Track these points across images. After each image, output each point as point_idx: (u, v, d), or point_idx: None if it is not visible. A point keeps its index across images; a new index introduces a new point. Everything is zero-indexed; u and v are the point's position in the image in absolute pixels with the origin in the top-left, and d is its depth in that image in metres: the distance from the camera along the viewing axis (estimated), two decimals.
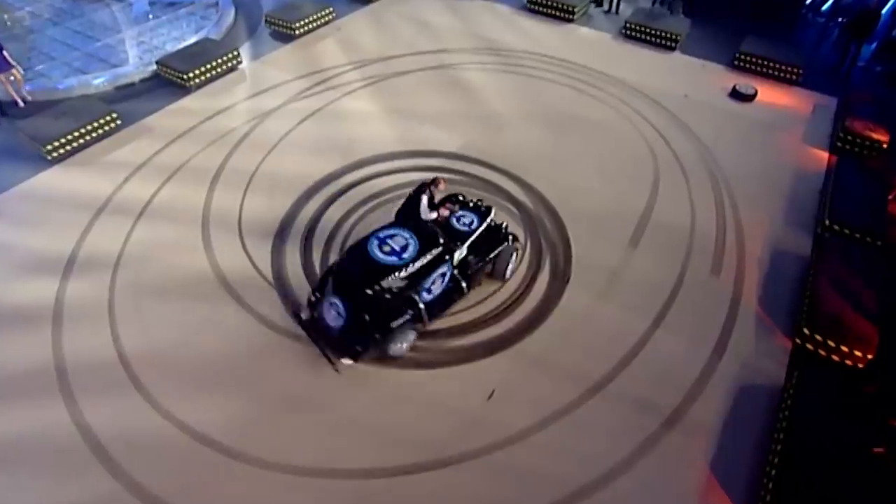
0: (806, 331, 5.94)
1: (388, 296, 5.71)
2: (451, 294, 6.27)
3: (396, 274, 5.74)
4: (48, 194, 7.82)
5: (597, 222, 7.51)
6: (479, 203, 6.93)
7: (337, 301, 5.76)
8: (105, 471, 5.04)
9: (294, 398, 5.62)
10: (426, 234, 6.09)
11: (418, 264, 5.85)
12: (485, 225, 6.58)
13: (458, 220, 6.58)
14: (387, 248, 5.89)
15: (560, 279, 6.77)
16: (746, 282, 6.83)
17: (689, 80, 10.58)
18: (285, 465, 5.11)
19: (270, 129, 9.03)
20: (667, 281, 6.79)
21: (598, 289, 6.68)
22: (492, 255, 6.55)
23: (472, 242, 6.43)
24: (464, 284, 6.29)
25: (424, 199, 6.34)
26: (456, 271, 6.25)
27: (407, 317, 5.82)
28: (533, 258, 7.04)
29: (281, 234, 7.23)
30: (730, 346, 6.14)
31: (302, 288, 6.57)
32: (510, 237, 6.73)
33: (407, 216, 6.47)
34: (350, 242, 6.97)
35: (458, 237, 6.36)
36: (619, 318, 6.36)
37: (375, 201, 7.70)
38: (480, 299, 6.53)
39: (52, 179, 8.05)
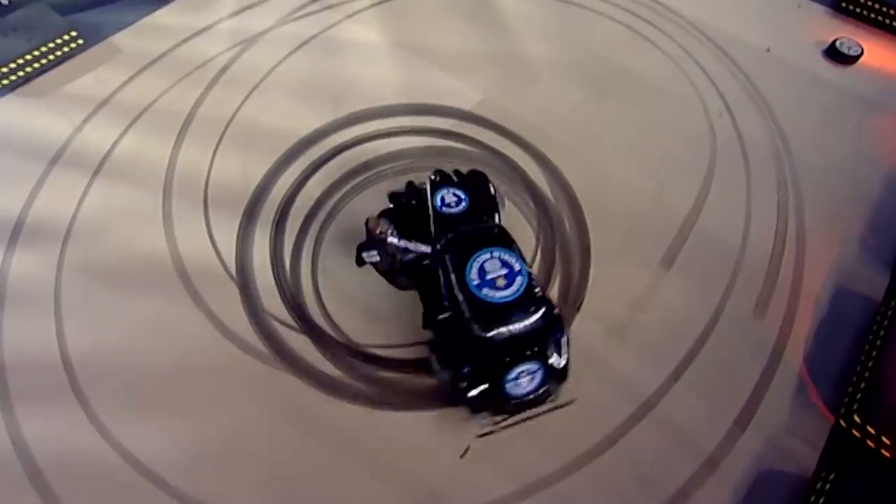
0: (856, 418, 4.73)
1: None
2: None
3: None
4: None
5: (628, 230, 5.98)
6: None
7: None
8: (37, 496, 4.53)
9: (247, 433, 4.79)
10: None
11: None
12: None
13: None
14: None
15: (571, 304, 5.53)
16: (795, 329, 5.44)
17: (777, 26, 8.10)
18: None
19: (254, 62, 7.33)
20: (698, 318, 5.44)
21: (612, 322, 5.40)
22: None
23: None
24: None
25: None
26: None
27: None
28: (542, 269, 5.74)
29: (251, 212, 5.99)
30: (758, 415, 4.95)
31: (267, 287, 5.49)
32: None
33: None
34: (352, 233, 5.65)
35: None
36: (631, 364, 5.17)
37: (364, 176, 6.30)
38: None
39: (3, 113, 6.81)
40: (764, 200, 6.27)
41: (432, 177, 5.41)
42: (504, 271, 4.70)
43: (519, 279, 4.67)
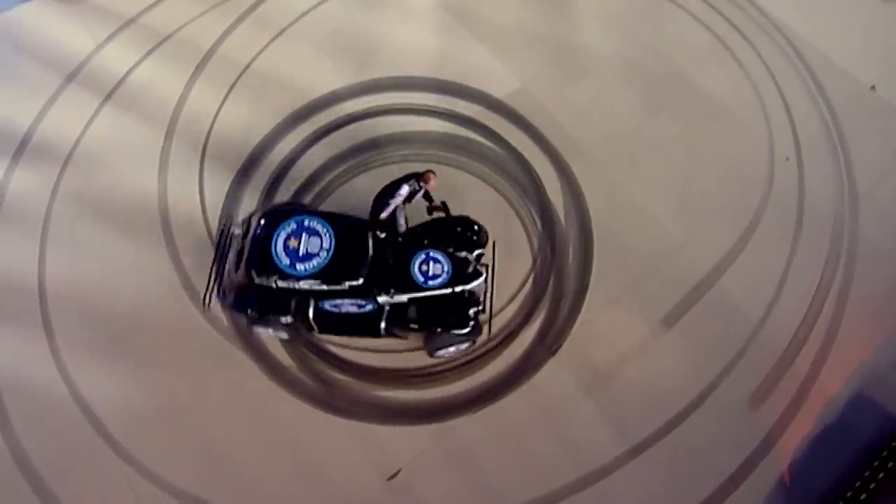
0: None
1: (271, 286, 4.40)
2: (362, 323, 4.62)
3: (278, 279, 4.35)
4: (24, 36, 6.40)
5: (638, 274, 5.25)
6: (476, 256, 4.80)
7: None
8: None
9: (190, 401, 4.71)
10: (355, 253, 4.43)
11: (312, 286, 4.36)
12: (447, 291, 4.56)
13: (425, 261, 4.60)
14: (292, 244, 4.39)
15: (547, 347, 4.99)
16: (792, 429, 4.72)
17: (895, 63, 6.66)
18: (160, 481, 4.50)
19: (288, 2, 6.73)
20: (684, 393, 4.80)
21: (587, 375, 4.85)
22: (437, 330, 4.64)
23: (420, 299, 4.59)
24: (382, 325, 4.58)
25: (405, 189, 4.59)
26: (386, 308, 4.56)
27: (286, 319, 4.53)
28: (528, 302, 5.17)
29: (245, 172, 5.66)
30: None
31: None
32: (472, 323, 4.58)
33: (377, 205, 4.76)
34: (314, 203, 5.36)
35: (403, 283, 4.52)
36: (589, 427, 4.67)
37: (368, 154, 5.77)
38: None
39: (33, 15, 6.57)
40: (804, 274, 5.32)
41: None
42: (304, 236, 4.43)
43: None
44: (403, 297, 4.55)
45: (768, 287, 5.25)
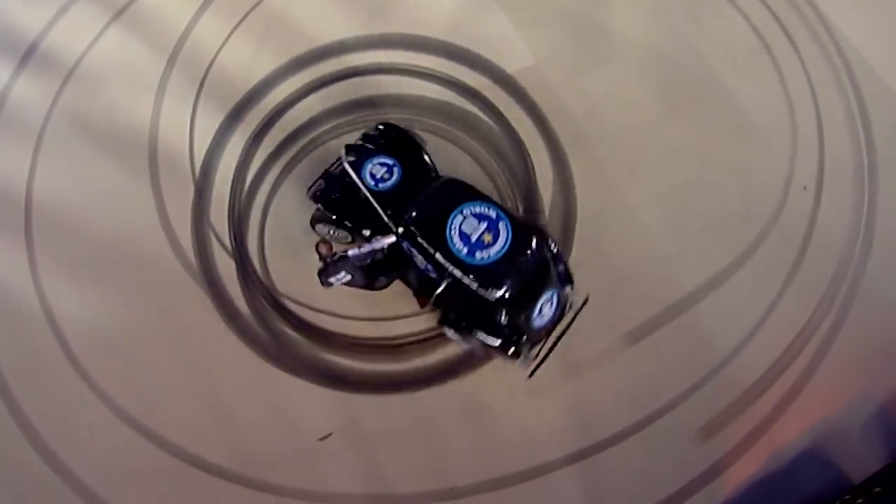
0: None
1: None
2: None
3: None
4: None
5: (613, 284, 4.96)
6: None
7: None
8: None
9: (148, 331, 4.80)
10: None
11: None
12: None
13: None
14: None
15: None
16: (734, 470, 4.52)
17: None
18: (109, 401, 4.64)
19: None
20: (629, 412, 4.62)
21: (536, 376, 4.73)
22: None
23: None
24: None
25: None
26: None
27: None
28: None
29: (237, 113, 5.54)
30: None
31: (220, 199, 5.18)
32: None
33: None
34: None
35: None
36: (527, 429, 4.57)
37: (363, 113, 5.50)
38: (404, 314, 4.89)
39: None
40: (791, 315, 4.93)
41: (348, 158, 4.57)
42: (484, 225, 4.20)
43: (502, 225, 4.20)
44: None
45: (748, 321, 4.91)
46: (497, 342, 4.29)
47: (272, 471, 4.48)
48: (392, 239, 4.35)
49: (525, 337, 4.35)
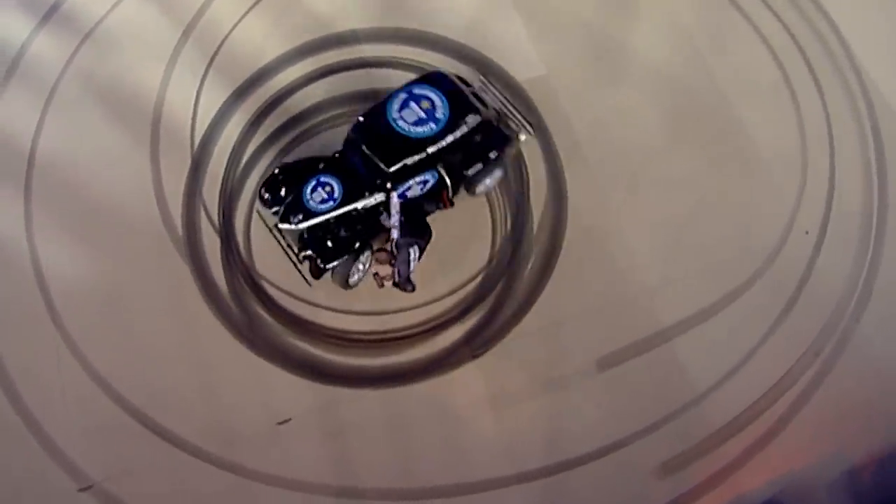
0: None
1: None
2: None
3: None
4: None
5: (592, 307, 4.88)
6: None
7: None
8: None
9: (129, 290, 4.88)
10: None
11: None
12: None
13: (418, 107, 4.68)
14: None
15: (471, 349, 4.76)
16: None
17: None
18: (83, 359, 4.71)
19: None
20: (589, 440, 4.50)
21: (499, 390, 4.65)
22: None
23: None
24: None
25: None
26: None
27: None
28: (469, 298, 4.87)
29: (243, 91, 5.56)
30: None
31: (215, 175, 5.23)
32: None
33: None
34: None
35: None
36: (483, 441, 4.51)
37: (364, 105, 5.30)
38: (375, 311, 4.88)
39: None
40: (773, 361, 4.76)
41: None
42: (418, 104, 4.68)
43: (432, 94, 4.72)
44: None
45: (727, 363, 4.75)
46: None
47: (232, 448, 4.51)
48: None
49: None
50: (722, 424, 4.59)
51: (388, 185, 4.54)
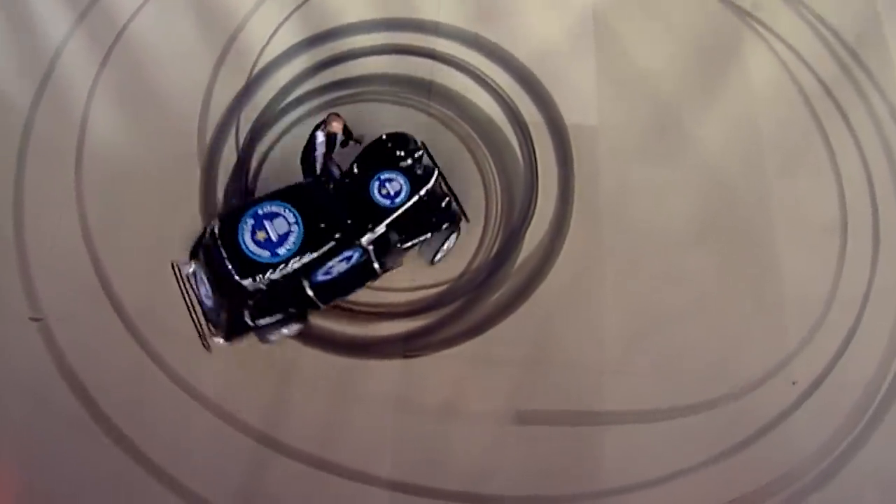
0: None
1: (263, 287, 4.20)
2: (357, 275, 4.65)
3: (270, 273, 4.17)
4: None
5: (539, 358, 4.73)
6: (417, 157, 4.74)
7: (206, 281, 4.43)
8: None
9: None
10: (319, 211, 4.35)
11: (302, 261, 4.22)
12: (414, 199, 4.59)
13: (381, 185, 4.59)
14: (261, 237, 4.24)
15: (404, 348, 4.72)
16: None
17: None
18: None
19: None
20: (452, 477, 4.35)
21: (404, 396, 4.57)
22: (420, 239, 4.72)
23: (395, 220, 4.58)
24: (376, 266, 4.60)
25: (320, 137, 4.51)
26: (371, 248, 4.50)
27: (279, 316, 4.46)
28: (425, 302, 4.85)
29: (314, 41, 5.83)
30: None
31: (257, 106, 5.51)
32: (453, 215, 4.81)
33: (306, 166, 4.74)
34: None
35: (374, 214, 4.48)
36: (370, 442, 4.48)
37: (414, 93, 5.59)
38: None
39: None
40: (699, 492, 4.37)
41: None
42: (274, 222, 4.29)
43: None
44: (382, 227, 4.49)
45: (646, 473, 4.40)
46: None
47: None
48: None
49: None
50: None
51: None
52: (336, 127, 4.53)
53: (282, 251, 4.21)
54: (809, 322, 4.95)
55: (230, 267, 4.16)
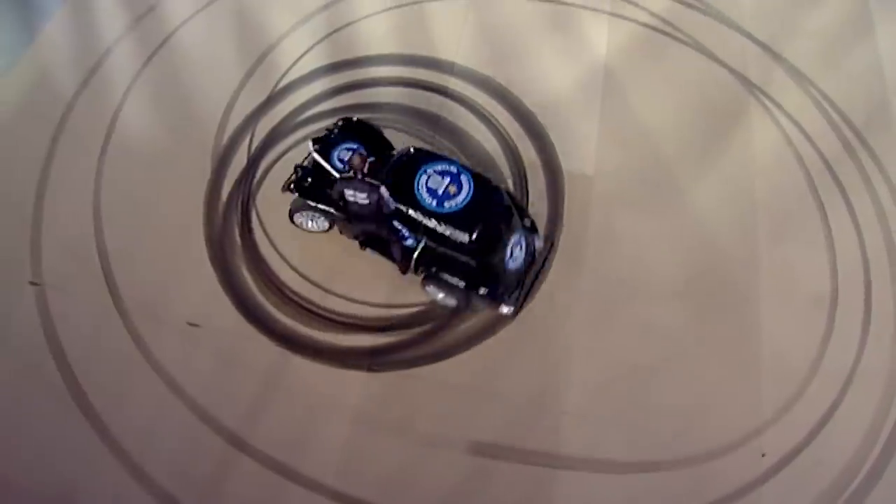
0: None
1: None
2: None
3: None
4: None
5: (503, 392, 4.70)
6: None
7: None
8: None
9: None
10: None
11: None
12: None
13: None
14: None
15: (370, 362, 4.78)
16: None
17: None
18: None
19: None
20: (384, 494, 4.35)
21: (359, 407, 4.57)
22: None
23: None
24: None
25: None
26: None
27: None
28: (400, 319, 4.94)
29: (338, 67, 6.26)
30: None
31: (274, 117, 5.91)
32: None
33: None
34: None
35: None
36: (327, 449, 4.47)
37: (419, 123, 5.92)
38: None
39: None
40: None
41: (315, 147, 4.98)
42: (448, 179, 4.66)
43: (464, 178, 4.67)
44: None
45: None
46: (484, 290, 4.69)
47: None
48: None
49: (501, 282, 4.75)
50: None
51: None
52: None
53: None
54: (786, 394, 4.78)
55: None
